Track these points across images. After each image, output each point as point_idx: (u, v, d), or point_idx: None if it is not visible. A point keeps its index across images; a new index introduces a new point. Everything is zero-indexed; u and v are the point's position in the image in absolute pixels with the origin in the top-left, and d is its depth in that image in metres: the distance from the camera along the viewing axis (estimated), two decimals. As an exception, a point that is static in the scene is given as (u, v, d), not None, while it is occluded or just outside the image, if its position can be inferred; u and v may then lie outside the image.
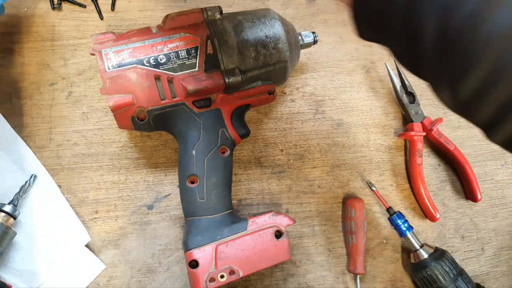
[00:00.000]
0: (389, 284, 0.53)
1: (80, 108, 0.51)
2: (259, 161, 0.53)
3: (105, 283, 0.47)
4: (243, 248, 0.42)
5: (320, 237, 0.53)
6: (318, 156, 0.55)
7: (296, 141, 0.55)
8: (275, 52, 0.45)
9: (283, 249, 0.43)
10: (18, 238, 0.46)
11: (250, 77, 0.45)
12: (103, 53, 0.40)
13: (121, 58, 0.40)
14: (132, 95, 0.41)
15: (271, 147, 0.54)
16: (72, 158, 0.50)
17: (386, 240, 0.55)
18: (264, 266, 0.42)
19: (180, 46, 0.42)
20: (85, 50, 0.52)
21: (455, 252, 0.55)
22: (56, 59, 0.51)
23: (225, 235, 0.42)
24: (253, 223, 0.43)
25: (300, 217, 0.53)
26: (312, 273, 0.52)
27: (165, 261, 0.49)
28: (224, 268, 0.41)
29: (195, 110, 0.43)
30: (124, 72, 0.40)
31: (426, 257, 0.50)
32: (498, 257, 0.57)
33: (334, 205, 0.54)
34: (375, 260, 0.54)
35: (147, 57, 0.41)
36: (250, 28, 0.44)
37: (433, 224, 0.56)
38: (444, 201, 0.57)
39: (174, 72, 0.42)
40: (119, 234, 0.49)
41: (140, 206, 0.50)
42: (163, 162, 0.51)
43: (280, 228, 0.43)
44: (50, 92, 0.51)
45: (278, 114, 0.55)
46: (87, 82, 0.52)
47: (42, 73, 0.51)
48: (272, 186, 0.53)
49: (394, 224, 0.52)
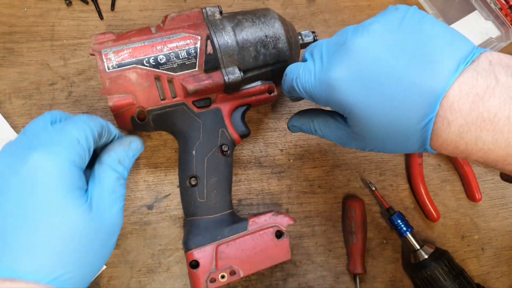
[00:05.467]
0: (389, 284, 0.53)
1: (80, 108, 0.51)
2: (259, 161, 0.53)
3: (105, 283, 0.47)
4: (243, 248, 0.42)
5: (320, 237, 0.53)
6: (318, 156, 0.55)
7: (296, 141, 0.55)
8: (275, 52, 0.45)
9: (284, 249, 0.43)
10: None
11: (250, 76, 0.45)
12: (103, 53, 0.40)
13: (121, 58, 0.40)
14: (132, 95, 0.41)
15: (271, 147, 0.54)
16: (72, 158, 0.50)
17: (386, 240, 0.55)
18: (264, 266, 0.42)
19: (180, 46, 0.41)
20: (85, 50, 0.52)
21: (455, 252, 0.55)
22: (56, 59, 0.51)
23: (225, 235, 0.42)
24: (253, 223, 0.43)
25: (300, 217, 0.53)
26: (312, 273, 0.52)
27: (165, 261, 0.49)
28: (224, 268, 0.41)
29: (195, 110, 0.43)
30: (124, 73, 0.40)
31: (426, 257, 0.50)
32: (498, 257, 0.57)
33: (334, 205, 0.54)
34: (375, 260, 0.54)
35: (147, 57, 0.41)
36: (250, 28, 0.44)
37: (433, 224, 0.56)
38: (444, 201, 0.57)
39: (174, 72, 0.41)
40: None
41: (140, 206, 0.50)
42: (163, 162, 0.51)
43: (280, 228, 0.43)
44: (50, 92, 0.51)
45: (278, 114, 0.55)
46: (87, 82, 0.52)
47: (42, 73, 0.51)
48: (272, 186, 0.53)
49: (394, 224, 0.52)
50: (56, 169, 0.30)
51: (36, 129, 0.33)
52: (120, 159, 0.36)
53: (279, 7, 0.58)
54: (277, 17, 0.45)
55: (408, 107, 0.30)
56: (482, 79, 0.28)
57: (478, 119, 0.28)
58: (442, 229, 0.56)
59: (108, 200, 0.33)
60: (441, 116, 0.29)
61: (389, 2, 0.61)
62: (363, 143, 0.35)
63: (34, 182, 0.30)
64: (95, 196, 0.33)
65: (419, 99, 0.30)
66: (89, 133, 0.33)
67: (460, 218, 0.57)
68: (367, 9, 0.60)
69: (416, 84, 0.30)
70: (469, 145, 0.30)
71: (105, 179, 0.34)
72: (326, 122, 0.38)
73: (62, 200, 0.30)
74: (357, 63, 0.31)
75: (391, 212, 0.53)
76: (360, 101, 0.31)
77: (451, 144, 0.30)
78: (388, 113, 0.30)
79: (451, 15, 0.59)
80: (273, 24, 0.45)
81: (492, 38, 0.58)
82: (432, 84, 0.29)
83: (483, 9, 0.59)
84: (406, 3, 0.61)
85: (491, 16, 0.59)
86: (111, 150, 0.36)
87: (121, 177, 0.35)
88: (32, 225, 0.29)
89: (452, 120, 0.29)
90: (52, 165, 0.30)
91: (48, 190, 0.30)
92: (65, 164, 0.31)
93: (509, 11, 0.58)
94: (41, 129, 0.33)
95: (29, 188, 0.30)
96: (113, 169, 0.35)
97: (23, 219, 0.29)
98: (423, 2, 0.59)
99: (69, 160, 0.31)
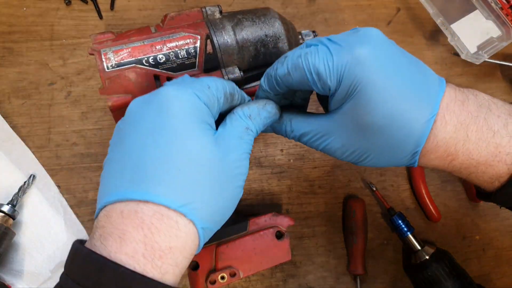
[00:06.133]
0: (389, 285, 0.53)
1: (79, 107, 0.51)
2: (259, 161, 0.53)
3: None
4: (243, 249, 0.42)
5: (320, 238, 0.53)
6: (319, 156, 0.55)
7: (296, 141, 0.55)
8: (275, 51, 0.44)
9: (284, 250, 0.43)
10: (18, 239, 0.46)
11: (250, 76, 0.44)
12: (102, 53, 0.40)
13: (120, 58, 0.40)
14: (131, 95, 0.40)
15: (271, 147, 0.54)
16: (71, 158, 0.50)
17: (387, 240, 0.54)
18: (264, 267, 0.42)
19: (179, 46, 0.41)
20: (84, 49, 0.52)
21: (456, 252, 0.55)
22: (55, 59, 0.51)
23: (225, 236, 0.42)
24: (253, 224, 0.43)
25: (301, 218, 0.53)
26: (313, 274, 0.52)
27: (165, 262, 0.49)
28: (224, 269, 0.41)
29: (195, 110, 0.43)
30: (123, 72, 0.40)
31: (427, 257, 0.50)
32: (499, 257, 0.57)
33: (334, 206, 0.54)
34: (375, 260, 0.53)
35: (146, 57, 0.41)
36: (250, 27, 0.44)
37: (434, 225, 0.56)
38: (445, 202, 0.57)
39: (174, 71, 0.41)
40: (118, 234, 0.49)
41: (139, 207, 0.50)
42: (163, 162, 0.51)
43: (280, 229, 0.43)
44: (49, 92, 0.50)
45: (278, 114, 0.55)
46: (86, 81, 0.51)
47: (41, 72, 0.51)
48: (272, 186, 0.53)
49: (395, 224, 0.52)
50: (188, 99, 0.32)
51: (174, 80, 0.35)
52: (252, 114, 0.36)
53: (279, 6, 0.58)
54: (277, 16, 0.45)
55: (418, 93, 0.32)
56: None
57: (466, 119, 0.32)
58: (443, 230, 0.56)
59: (235, 142, 0.34)
60: (440, 115, 0.32)
61: (389, 2, 0.60)
62: (345, 136, 0.34)
63: (167, 108, 0.31)
64: (224, 135, 0.33)
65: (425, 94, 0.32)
66: (220, 85, 0.34)
67: (461, 218, 0.57)
68: (368, 9, 0.60)
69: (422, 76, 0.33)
70: (458, 146, 0.32)
71: (234, 124, 0.35)
72: (304, 116, 0.38)
73: (193, 127, 0.31)
74: (378, 44, 0.33)
75: (392, 213, 0.52)
76: (379, 73, 0.31)
77: (443, 146, 0.32)
78: (401, 96, 0.32)
79: (452, 15, 0.59)
80: (273, 23, 0.44)
81: (493, 37, 0.58)
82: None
83: (484, 8, 0.59)
84: (406, 3, 0.61)
85: (492, 15, 0.59)
86: (245, 104, 0.37)
87: (250, 129, 0.35)
88: (166, 150, 0.30)
89: (449, 119, 0.32)
90: (183, 94, 0.32)
91: (180, 116, 0.31)
92: (195, 98, 0.32)
93: (510, 11, 0.57)
94: (179, 79, 0.35)
95: (162, 115, 0.31)
96: (242, 119, 0.35)
97: (157, 145, 0.30)
98: (423, 1, 0.59)
99: (199, 97, 0.32)
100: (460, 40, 0.57)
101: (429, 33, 0.61)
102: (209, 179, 0.31)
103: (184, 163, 0.30)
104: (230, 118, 0.35)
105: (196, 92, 0.32)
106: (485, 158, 0.32)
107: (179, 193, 0.30)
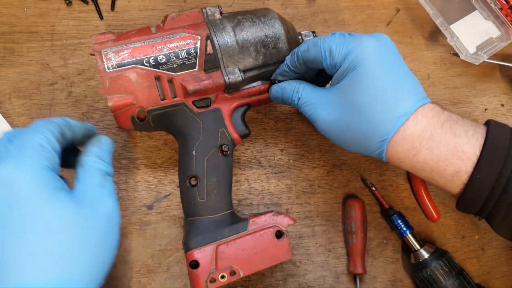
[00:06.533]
0: (389, 284, 0.53)
1: (80, 108, 0.51)
2: (259, 161, 0.53)
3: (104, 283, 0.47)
4: (243, 248, 0.42)
5: (320, 237, 0.53)
6: (318, 156, 0.55)
7: (296, 141, 0.55)
8: (275, 52, 0.45)
9: (284, 249, 0.43)
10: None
11: (250, 76, 0.45)
12: (102, 53, 0.40)
13: (121, 58, 0.40)
14: (132, 95, 0.41)
15: (271, 147, 0.54)
16: (72, 158, 0.50)
17: (386, 240, 0.54)
18: (264, 266, 0.42)
19: (179, 46, 0.41)
20: (85, 50, 0.52)
21: (455, 252, 0.55)
22: (55, 59, 0.51)
23: (225, 235, 0.42)
24: (253, 223, 0.43)
25: (300, 217, 0.53)
26: (312, 273, 0.52)
27: (165, 261, 0.49)
28: (224, 269, 0.41)
29: (195, 110, 0.43)
30: (124, 72, 0.40)
31: (426, 257, 0.50)
32: (498, 257, 0.57)
33: (334, 205, 0.54)
34: (375, 260, 0.54)
35: (146, 57, 0.41)
36: (250, 28, 0.44)
37: (433, 224, 0.56)
38: (445, 201, 0.57)
39: (174, 72, 0.41)
40: (119, 234, 0.49)
41: (140, 206, 0.50)
42: (163, 162, 0.51)
43: (280, 228, 0.43)
44: (50, 92, 0.51)
45: (278, 114, 0.55)
46: (87, 82, 0.51)
47: (42, 73, 0.51)
48: (272, 186, 0.53)
49: (394, 224, 0.52)
50: (28, 176, 0.30)
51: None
52: (98, 155, 0.37)
53: (279, 7, 0.58)
54: (277, 17, 0.45)
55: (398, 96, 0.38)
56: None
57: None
58: (442, 229, 0.56)
59: (98, 194, 0.34)
60: (414, 115, 0.37)
61: (389, 2, 0.61)
62: (333, 108, 0.40)
63: (10, 194, 0.30)
64: (84, 192, 0.33)
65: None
66: (49, 135, 0.33)
67: (460, 218, 0.57)
68: (367, 9, 0.60)
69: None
70: (422, 143, 0.37)
71: (90, 176, 0.35)
72: (311, 86, 0.43)
73: (43, 203, 0.30)
74: (385, 43, 0.40)
75: (391, 212, 0.53)
76: (376, 62, 0.38)
77: (409, 141, 0.37)
78: (388, 87, 0.38)
79: (451, 15, 0.59)
80: (273, 24, 0.45)
81: (492, 38, 0.58)
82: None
83: (483, 9, 0.59)
84: (406, 3, 0.61)
85: (491, 16, 0.59)
86: (87, 151, 0.37)
87: (105, 173, 0.36)
88: (24, 236, 0.29)
89: (421, 120, 0.37)
90: (22, 172, 0.30)
91: (27, 198, 0.30)
92: (35, 169, 0.31)
93: (510, 11, 0.58)
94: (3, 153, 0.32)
95: (7, 202, 0.30)
96: (95, 167, 0.36)
97: (12, 233, 0.29)
98: (423, 2, 0.59)
99: (38, 165, 0.31)
100: (460, 40, 0.57)
101: (428, 34, 0.61)
102: (80, 246, 0.31)
103: (49, 241, 0.30)
104: (82, 170, 0.35)
105: (32, 161, 0.31)
106: (445, 155, 0.37)
107: (54, 272, 0.29)
